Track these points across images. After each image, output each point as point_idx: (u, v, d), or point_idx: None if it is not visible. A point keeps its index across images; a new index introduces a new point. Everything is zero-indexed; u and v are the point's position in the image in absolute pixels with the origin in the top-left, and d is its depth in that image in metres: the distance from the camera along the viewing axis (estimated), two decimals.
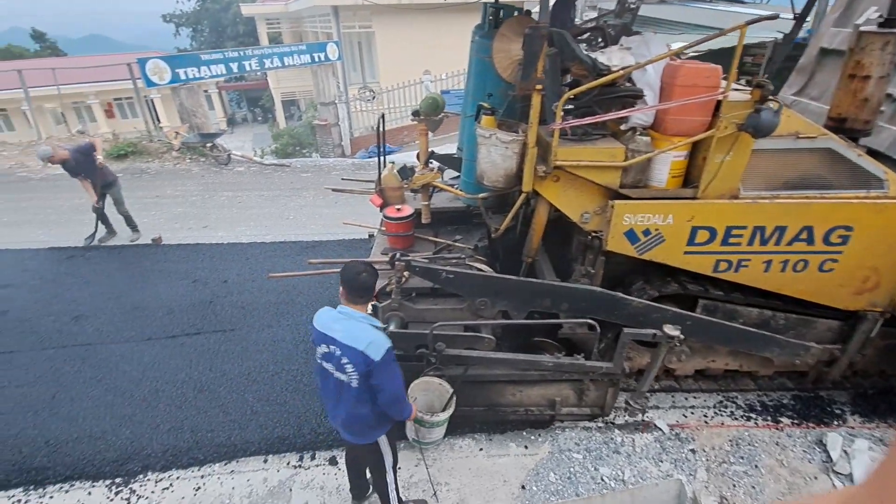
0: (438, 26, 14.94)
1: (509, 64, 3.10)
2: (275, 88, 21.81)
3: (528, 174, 2.81)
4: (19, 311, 4.85)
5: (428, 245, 3.76)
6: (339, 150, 13.19)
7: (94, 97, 21.02)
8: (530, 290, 2.93)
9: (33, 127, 11.89)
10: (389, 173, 3.95)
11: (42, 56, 30.11)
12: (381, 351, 2.06)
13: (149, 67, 9.60)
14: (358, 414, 2.19)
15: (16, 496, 3.01)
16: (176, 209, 7.67)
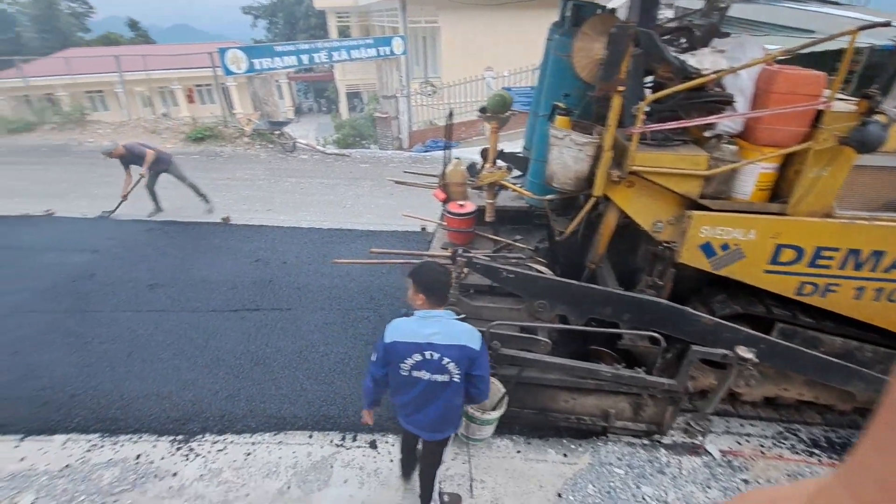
0: (503, 22, 14.80)
1: (589, 63, 3.00)
2: (340, 80, 22.53)
3: (601, 178, 2.71)
4: (104, 275, 5.32)
5: (487, 243, 3.74)
6: (396, 142, 13.42)
7: (177, 83, 22.69)
8: (592, 297, 2.85)
9: (124, 108, 13.02)
10: (454, 169, 3.95)
11: (135, 43, 32.84)
12: (477, 340, 2.15)
13: (228, 57, 10.19)
14: (454, 406, 2.26)
15: (92, 440, 3.30)
16: (244, 191, 8.12)
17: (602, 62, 2.75)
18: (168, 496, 2.93)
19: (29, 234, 6.26)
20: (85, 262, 5.57)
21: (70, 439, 3.30)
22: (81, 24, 36.76)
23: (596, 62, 2.94)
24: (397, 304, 4.76)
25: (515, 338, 2.95)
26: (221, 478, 3.06)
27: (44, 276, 5.24)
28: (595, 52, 2.93)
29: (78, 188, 8.09)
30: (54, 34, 32.87)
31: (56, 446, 3.25)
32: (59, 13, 33.95)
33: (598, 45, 2.87)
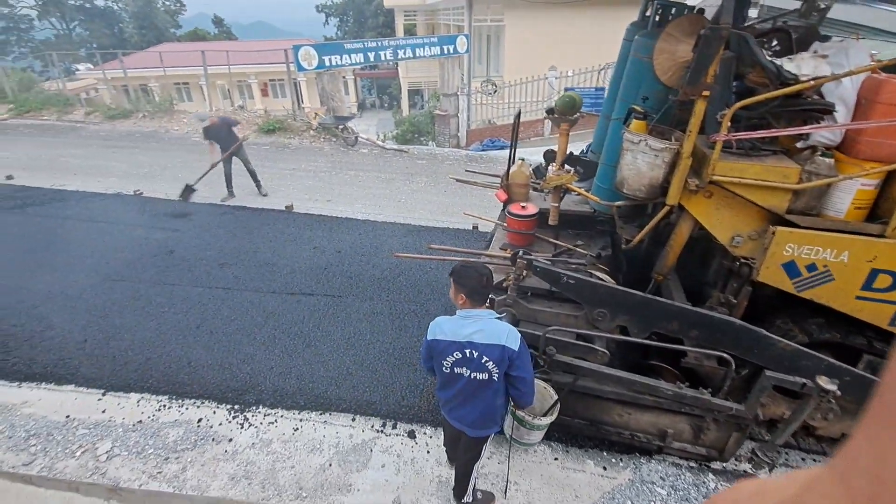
0: (569, 21, 14.42)
1: (672, 66, 2.84)
2: (403, 78, 22.97)
3: (677, 186, 2.58)
4: (182, 252, 5.79)
5: (547, 246, 3.67)
6: (454, 140, 13.49)
7: (253, 77, 24.15)
8: (657, 310, 2.70)
9: (206, 99, 14.05)
10: (518, 170, 3.91)
11: (219, 39, 35.31)
12: (517, 340, 2.14)
13: (301, 54, 10.69)
14: (496, 405, 2.27)
15: (162, 401, 3.61)
16: (307, 182, 8.51)
17: (687, 65, 2.61)
18: (223, 459, 3.14)
19: (121, 211, 6.93)
20: (166, 239, 6.09)
21: (143, 398, 3.62)
22: (174, 20, 40.12)
23: (679, 65, 2.78)
24: (443, 300, 4.79)
25: (571, 345, 2.87)
26: (271, 448, 3.24)
27: (131, 250, 5.79)
28: (679, 54, 2.77)
29: (164, 172, 8.84)
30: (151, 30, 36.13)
31: (132, 403, 3.58)
32: (156, 11, 37.26)
33: (684, 46, 2.71)
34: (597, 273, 3.05)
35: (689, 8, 3.33)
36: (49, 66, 17.75)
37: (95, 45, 34.09)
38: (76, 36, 37.33)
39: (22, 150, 9.91)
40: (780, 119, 2.37)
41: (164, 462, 3.11)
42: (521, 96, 12.98)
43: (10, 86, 13.67)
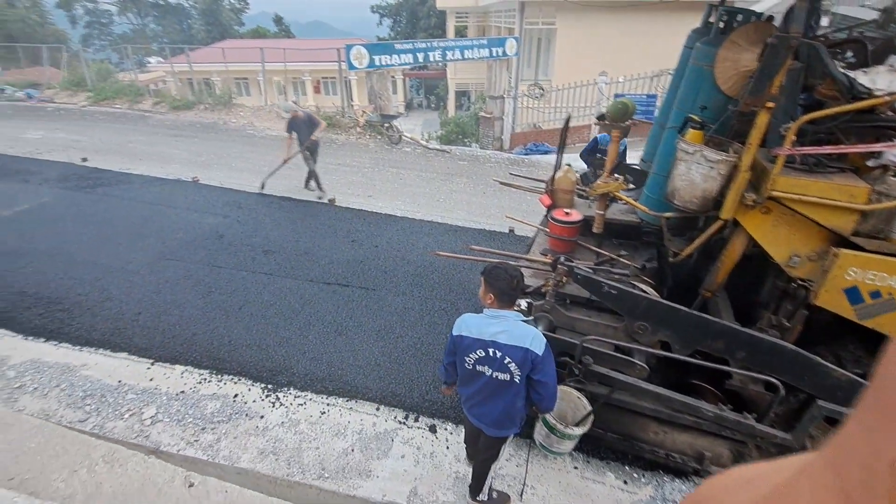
0: (623, 27, 14.05)
1: (734, 75, 2.73)
2: (451, 79, 23.15)
3: (732, 200, 2.47)
4: (231, 237, 6.12)
5: (589, 254, 3.59)
6: (497, 143, 13.45)
7: (307, 74, 25.07)
8: (703, 328, 2.58)
9: (262, 95, 14.74)
10: (564, 175, 3.87)
11: (278, 37, 36.90)
12: (542, 344, 2.13)
13: (353, 53, 11.02)
14: (516, 407, 2.27)
15: (203, 375, 3.83)
16: (351, 177, 8.76)
17: (750, 74, 2.50)
18: (254, 434, 3.30)
19: (179, 196, 7.40)
20: (217, 224, 6.45)
21: (187, 370, 3.87)
22: (238, 18, 42.29)
23: (742, 74, 2.66)
24: (473, 300, 4.80)
25: (609, 357, 2.80)
26: (298, 428, 3.38)
27: (185, 231, 6.18)
28: (743, 62, 2.65)
29: (220, 161, 9.36)
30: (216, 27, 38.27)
31: (176, 374, 3.83)
32: (222, 8, 39.40)
33: (749, 55, 2.59)
34: (640, 285, 2.95)
35: (756, 15, 3.18)
36: (124, 58, 19.18)
37: (166, 40, 36.50)
38: (150, 31, 40.08)
39: (96, 135, 10.77)
40: (850, 135, 2.23)
41: (201, 431, 3.31)
42: (568, 101, 12.78)
43: (90, 75, 14.87)
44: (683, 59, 3.38)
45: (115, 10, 39.05)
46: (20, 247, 5.62)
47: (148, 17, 40.06)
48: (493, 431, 2.37)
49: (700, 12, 3.74)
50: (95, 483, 1.49)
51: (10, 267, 5.18)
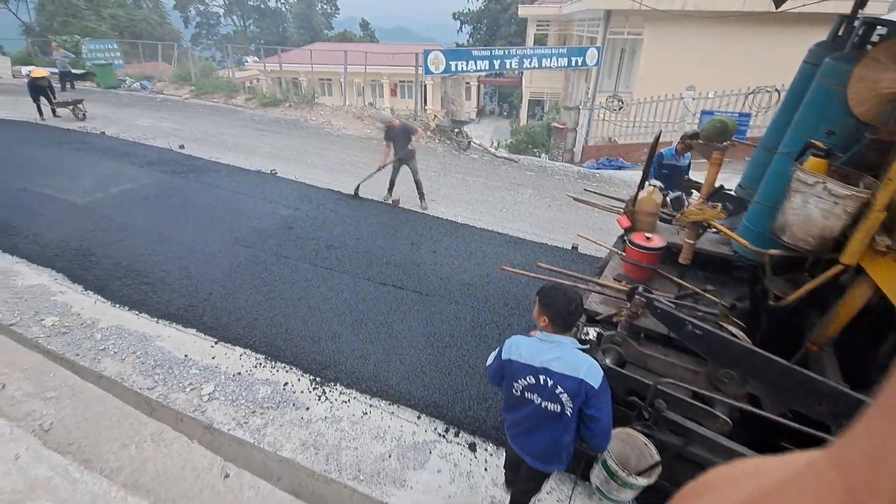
0: (717, 39, 13.07)
1: (871, 97, 2.35)
2: (526, 87, 22.90)
3: (859, 244, 2.15)
4: (298, 229, 6.43)
5: (670, 285, 3.26)
6: (568, 155, 13.06)
7: (386, 78, 25.99)
8: (803, 385, 2.25)
9: (343, 95, 15.47)
10: (648, 197, 3.57)
11: (362, 41, 38.63)
12: (598, 377, 1.98)
13: (430, 58, 11.21)
14: (563, 442, 2.12)
15: (259, 360, 4.03)
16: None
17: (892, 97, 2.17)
18: (298, 425, 3.41)
19: (257, 186, 7.93)
20: (288, 215, 6.81)
21: (245, 353, 4.09)
22: (328, 22, 44.87)
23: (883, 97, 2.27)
24: (527, 318, 4.65)
25: (686, 404, 2.50)
26: (340, 426, 3.43)
27: (259, 220, 6.59)
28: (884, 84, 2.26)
29: (297, 156, 9.91)
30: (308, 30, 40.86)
31: (235, 356, 4.06)
32: (315, 13, 42.02)
33: (891, 75, 2.24)
34: (729, 327, 2.62)
35: None
36: (225, 56, 21.00)
37: (263, 41, 39.55)
38: (250, 32, 43.67)
39: (194, 126, 11.86)
40: None
41: (251, 414, 3.47)
42: (649, 115, 12.12)
43: (195, 71, 16.43)
44: (803, 76, 3.01)
45: (222, 12, 43.00)
46: (121, 222, 6.28)
47: (249, 19, 43.71)
48: (535, 464, 2.23)
49: (817, 24, 3.34)
50: (141, 460, 1.58)
51: (112, 239, 5.81)
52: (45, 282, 4.90)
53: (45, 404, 1.74)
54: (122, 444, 1.60)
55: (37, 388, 1.76)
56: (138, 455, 1.57)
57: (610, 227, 7.10)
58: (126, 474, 1.49)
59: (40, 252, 5.42)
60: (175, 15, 41.14)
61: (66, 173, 7.94)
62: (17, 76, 17.37)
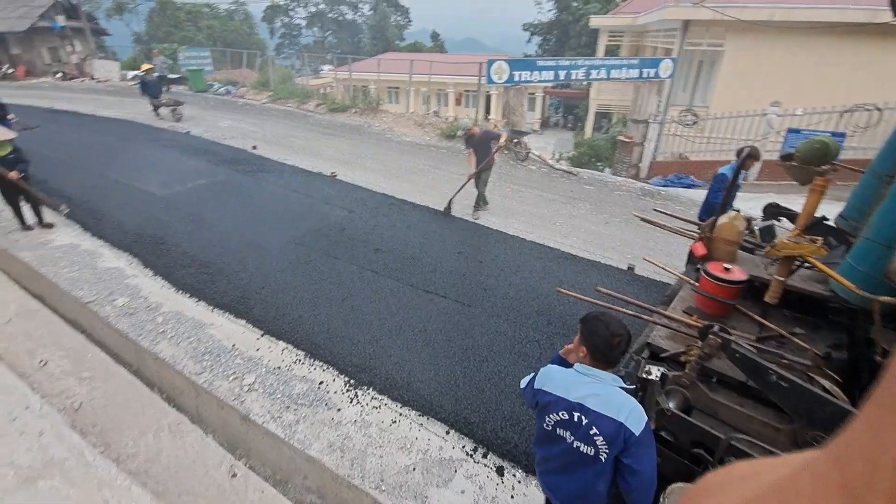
0: (810, 53, 11.89)
1: None
2: (593, 99, 22.22)
3: None
4: (350, 231, 6.60)
5: (749, 324, 2.87)
6: (633, 170, 12.43)
7: (451, 87, 26.34)
8: None
9: (408, 103, 15.85)
10: (730, 222, 3.23)
11: (432, 51, 39.52)
12: (641, 423, 1.75)
13: (494, 67, 11.18)
14: (596, 490, 1.89)
15: (299, 356, 4.13)
16: (470, 188, 8.82)
17: None
18: (328, 425, 3.43)
19: (317, 188, 8.26)
20: (342, 217, 7.02)
21: (287, 348, 4.21)
22: (400, 34, 46.44)
23: None
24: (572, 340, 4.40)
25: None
26: (368, 431, 3.41)
27: (315, 221, 6.84)
28: None
29: (357, 160, 10.24)
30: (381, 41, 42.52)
31: (278, 350, 4.19)
32: (388, 24, 43.66)
33: None
34: (822, 380, 2.23)
35: None
36: (304, 65, 22.31)
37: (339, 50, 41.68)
38: (328, 43, 46.18)
39: (268, 128, 12.64)
40: None
41: (286, 409, 3.55)
42: (726, 132, 11.27)
43: (274, 78, 17.57)
44: None
45: (304, 24, 45.91)
46: (193, 214, 6.78)
47: (328, 31, 46.31)
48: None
49: None
50: (157, 449, 1.63)
51: (183, 230, 6.28)
52: (122, 265, 5.37)
53: (80, 384, 1.86)
54: (142, 432, 1.67)
55: (75, 367, 1.89)
56: (154, 444, 1.62)
57: (673, 249, 6.62)
58: (140, 461, 1.54)
59: (121, 238, 5.98)
60: (262, 26, 44.52)
61: (153, 167, 8.73)
62: (123, 80, 19.56)
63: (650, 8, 15.38)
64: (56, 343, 1.92)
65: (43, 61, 20.93)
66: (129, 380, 1.83)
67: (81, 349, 1.90)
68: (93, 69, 20.28)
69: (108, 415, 1.63)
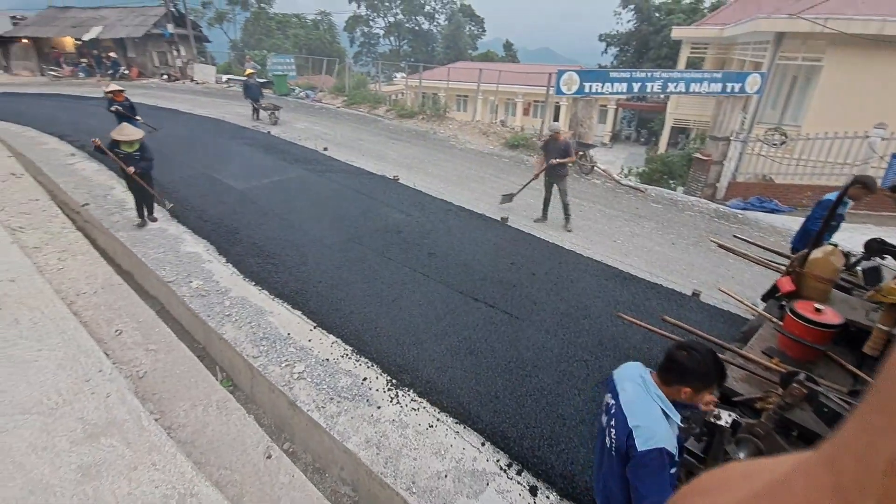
0: None
1: None
2: (670, 113, 21.15)
3: None
4: (406, 234, 6.75)
5: (839, 373, 2.59)
6: (709, 190, 11.64)
7: (520, 97, 26.21)
8: None
9: (475, 111, 16.00)
10: (825, 258, 2.94)
11: (504, 61, 39.60)
12: (649, 442, 1.66)
13: (564, 78, 10.98)
14: (610, 488, 1.86)
15: (347, 351, 4.28)
16: (529, 199, 8.70)
17: None
18: (366, 422, 3.52)
19: (379, 189, 8.55)
20: (399, 220, 7.21)
21: (336, 342, 4.38)
22: (473, 43, 47.00)
23: None
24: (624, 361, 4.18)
25: None
26: (405, 432, 3.46)
27: (374, 221, 7.09)
28: None
29: (420, 165, 10.48)
30: (454, 50, 43.29)
31: (328, 342, 4.38)
32: (462, 34, 44.37)
33: None
34: None
35: None
36: (379, 72, 23.27)
37: (413, 59, 43.00)
38: (403, 51, 47.80)
39: (339, 131, 13.30)
40: None
41: (330, 401, 3.69)
42: (821, 154, 10.23)
43: (350, 84, 18.47)
44: None
45: (382, 33, 47.92)
46: (264, 208, 7.29)
47: (404, 40, 47.95)
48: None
49: None
50: (203, 423, 1.76)
51: (255, 222, 6.76)
52: (200, 251, 5.88)
53: (146, 355, 2.06)
54: (193, 405, 1.81)
55: (144, 339, 2.11)
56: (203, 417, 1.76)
57: (747, 279, 6.11)
58: (188, 432, 1.68)
59: (202, 226, 6.55)
60: (343, 35, 47.04)
61: (235, 163, 9.50)
62: (218, 82, 21.49)
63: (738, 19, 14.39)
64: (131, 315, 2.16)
65: (152, 64, 23.56)
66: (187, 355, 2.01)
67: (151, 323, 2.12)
68: (193, 72, 22.49)
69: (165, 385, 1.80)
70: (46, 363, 1.70)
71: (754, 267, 6.68)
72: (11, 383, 1.61)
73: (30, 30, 23.09)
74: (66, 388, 1.59)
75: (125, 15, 23.55)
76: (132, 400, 1.50)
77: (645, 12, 33.82)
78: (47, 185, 8.03)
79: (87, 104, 15.45)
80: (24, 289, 2.15)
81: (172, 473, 1.39)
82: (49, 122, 12.14)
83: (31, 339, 1.80)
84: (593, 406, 3.72)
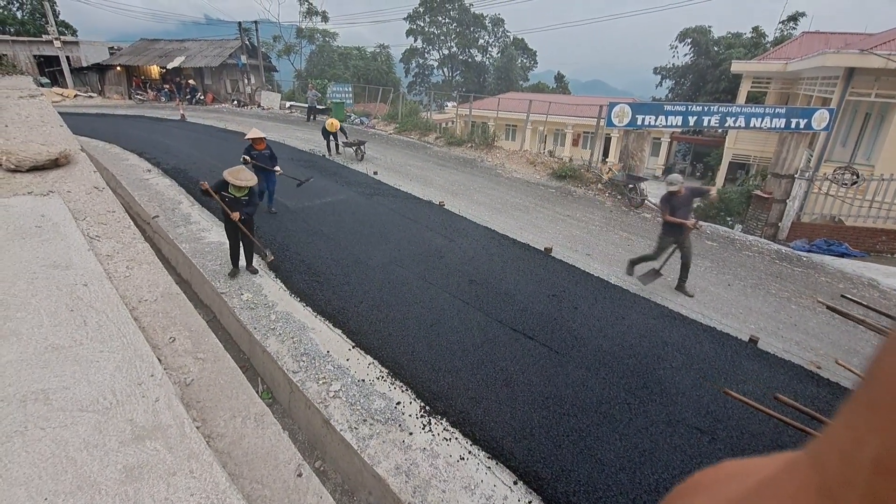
0: None
1: None
2: (728, 148, 20.31)
3: None
4: (448, 259, 6.77)
5: None
6: (770, 229, 10.98)
7: (570, 127, 26.16)
8: None
9: (523, 141, 16.10)
10: None
11: (555, 92, 39.85)
12: None
13: (615, 110, 10.88)
14: None
15: (383, 373, 4.28)
16: (574, 231, 8.57)
17: None
18: (397, 448, 3.48)
19: (424, 214, 8.70)
20: (442, 245, 7.27)
21: (373, 363, 4.41)
22: (524, 75, 47.75)
23: None
24: (671, 406, 3.91)
25: None
26: (435, 462, 3.38)
27: (417, 245, 7.19)
28: None
29: (465, 192, 10.60)
30: (505, 81, 44.15)
31: (365, 363, 4.41)
32: (514, 66, 45.24)
33: None
34: None
35: None
36: (431, 101, 24.06)
37: (464, 89, 44.17)
38: (455, 82, 49.26)
39: (389, 156, 13.76)
40: None
41: (362, 422, 3.69)
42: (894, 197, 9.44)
43: (402, 112, 19.19)
44: None
45: (436, 65, 49.75)
46: (314, 227, 7.59)
47: (457, 71, 49.50)
48: None
49: None
50: (240, 434, 1.80)
51: (304, 241, 7.04)
52: (254, 265, 6.18)
53: (195, 363, 2.16)
54: (233, 415, 1.87)
55: (194, 347, 2.22)
56: (241, 429, 1.81)
57: (811, 326, 5.63)
58: (226, 443, 1.73)
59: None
60: (399, 66, 49.28)
61: (292, 185, 10.02)
62: (282, 108, 23.00)
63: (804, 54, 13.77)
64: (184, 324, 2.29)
65: (225, 90, 25.62)
66: (231, 365, 2.09)
67: (202, 332, 2.24)
68: (260, 98, 24.22)
69: (209, 394, 1.88)
70: (106, 364, 1.82)
71: (820, 314, 6.15)
72: (74, 381, 1.74)
73: (124, 59, 25.92)
74: (120, 390, 1.69)
75: (205, 47, 25.92)
76: (178, 406, 1.58)
77: (703, 46, 33.16)
78: (124, 198, 8.81)
79: (166, 125, 16.98)
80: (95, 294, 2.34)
81: (208, 482, 1.42)
82: (131, 140, 13.41)
83: (95, 341, 1.94)
84: (635, 454, 3.49)
